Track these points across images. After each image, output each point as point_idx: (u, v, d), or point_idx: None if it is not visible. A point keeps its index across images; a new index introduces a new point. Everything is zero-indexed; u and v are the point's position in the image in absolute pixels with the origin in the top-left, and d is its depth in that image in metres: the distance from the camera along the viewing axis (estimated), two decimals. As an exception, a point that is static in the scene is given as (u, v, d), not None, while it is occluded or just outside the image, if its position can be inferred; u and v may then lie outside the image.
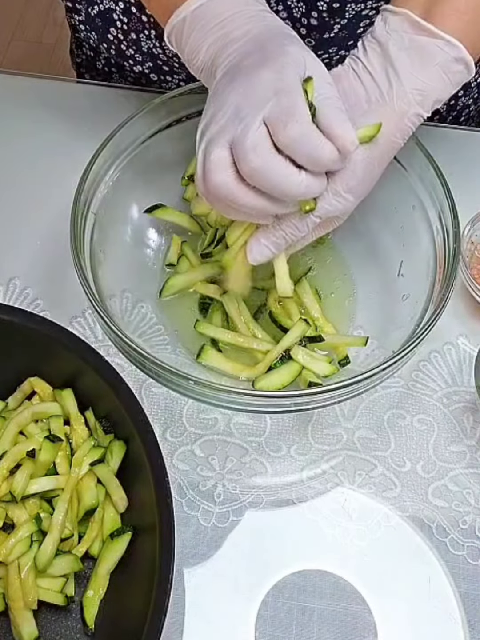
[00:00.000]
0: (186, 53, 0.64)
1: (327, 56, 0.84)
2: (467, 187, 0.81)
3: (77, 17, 0.93)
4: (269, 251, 0.64)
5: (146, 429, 0.63)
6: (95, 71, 1.02)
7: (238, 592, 0.66)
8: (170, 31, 0.65)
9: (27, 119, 0.91)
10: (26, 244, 0.83)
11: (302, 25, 0.79)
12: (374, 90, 0.63)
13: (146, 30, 0.86)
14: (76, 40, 1.01)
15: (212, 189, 0.59)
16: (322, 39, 0.81)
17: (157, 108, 0.75)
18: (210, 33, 0.62)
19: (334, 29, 0.80)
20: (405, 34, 0.63)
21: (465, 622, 0.66)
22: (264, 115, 0.57)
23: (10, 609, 0.62)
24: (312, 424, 0.73)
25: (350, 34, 0.81)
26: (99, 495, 0.66)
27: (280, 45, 0.59)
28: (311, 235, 0.66)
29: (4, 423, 0.67)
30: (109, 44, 0.91)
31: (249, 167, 0.56)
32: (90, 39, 0.94)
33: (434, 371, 0.76)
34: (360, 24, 0.80)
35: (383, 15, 0.65)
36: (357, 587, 0.67)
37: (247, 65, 0.59)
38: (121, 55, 0.92)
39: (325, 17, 0.78)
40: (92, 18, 0.90)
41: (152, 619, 0.56)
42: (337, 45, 0.82)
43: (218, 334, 0.72)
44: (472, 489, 0.71)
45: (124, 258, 0.75)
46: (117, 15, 0.87)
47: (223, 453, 0.72)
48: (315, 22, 0.79)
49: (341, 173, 0.61)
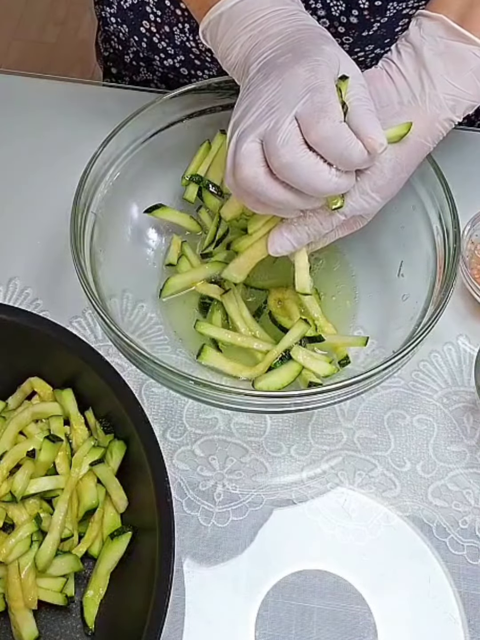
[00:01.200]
0: (220, 49, 0.64)
1: (363, 54, 0.84)
2: (467, 187, 0.81)
3: (109, 10, 0.92)
4: (290, 245, 0.64)
5: (146, 429, 0.63)
6: (122, 65, 1.01)
7: (238, 592, 0.67)
8: (205, 27, 0.65)
9: (27, 119, 0.91)
10: (26, 244, 0.83)
11: (341, 23, 0.80)
12: (406, 92, 0.63)
13: (180, 23, 0.86)
14: (104, 34, 1.00)
15: (241, 182, 0.59)
16: (361, 37, 0.81)
17: (157, 108, 0.75)
18: (245, 30, 0.62)
19: (374, 27, 0.80)
20: (440, 39, 0.63)
21: (465, 622, 0.66)
22: (297, 112, 0.57)
23: (10, 609, 0.62)
24: (312, 424, 0.73)
25: (388, 32, 0.81)
26: (99, 495, 0.66)
27: (315, 44, 0.60)
28: (335, 233, 0.66)
29: (4, 423, 0.67)
30: (140, 37, 0.91)
31: (279, 162, 0.57)
32: (121, 32, 0.94)
33: (434, 371, 0.76)
34: (399, 23, 0.80)
35: (418, 19, 0.65)
36: (357, 587, 0.67)
37: (282, 62, 0.59)
38: (153, 48, 0.91)
39: (366, 15, 0.78)
40: (124, 11, 0.90)
41: (152, 619, 0.56)
42: (374, 43, 0.82)
43: (218, 334, 0.72)
44: (472, 489, 0.71)
45: (124, 258, 0.75)
46: (150, 8, 0.87)
47: (223, 453, 0.72)
48: (355, 20, 0.79)
49: (370, 172, 0.61)
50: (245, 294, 0.76)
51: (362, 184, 0.62)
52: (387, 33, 0.81)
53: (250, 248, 0.68)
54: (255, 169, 0.58)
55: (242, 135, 0.59)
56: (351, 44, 0.82)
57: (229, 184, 0.61)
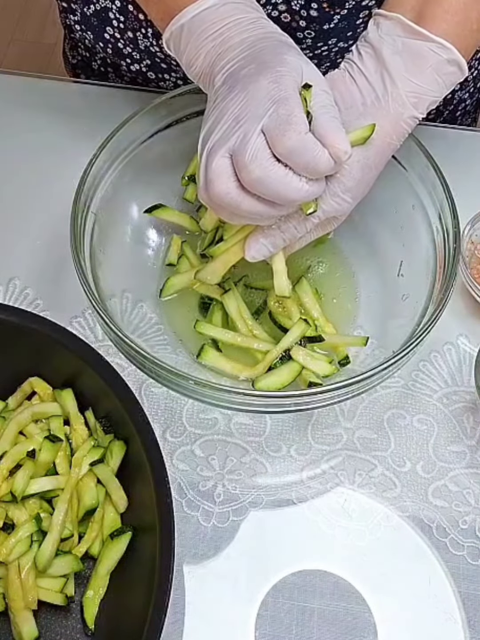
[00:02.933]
0: (184, 59, 0.65)
1: (326, 48, 0.84)
2: (467, 187, 0.81)
3: (73, 18, 0.93)
4: (266, 250, 0.65)
5: (146, 429, 0.63)
6: (90, 72, 1.02)
7: (238, 592, 0.67)
8: (168, 37, 0.65)
9: (27, 119, 0.91)
10: (26, 244, 0.83)
11: (302, 17, 0.80)
12: (369, 93, 0.64)
13: (143, 28, 0.86)
14: (71, 41, 1.01)
15: (214, 198, 0.60)
16: (322, 30, 0.81)
17: (157, 108, 0.75)
18: (207, 40, 0.62)
19: (334, 20, 0.80)
20: (398, 38, 0.64)
21: (465, 622, 0.66)
22: (263, 125, 0.57)
23: (10, 609, 0.62)
24: (312, 424, 0.73)
25: (349, 25, 0.82)
26: (99, 495, 0.66)
27: (277, 53, 0.60)
28: (310, 235, 0.67)
29: (4, 423, 0.67)
30: (105, 43, 0.91)
31: (250, 177, 0.58)
32: (86, 39, 0.94)
33: (434, 371, 0.76)
34: (360, 15, 0.81)
35: (375, 19, 0.66)
36: (357, 587, 0.67)
37: (246, 74, 0.60)
38: (118, 54, 0.92)
39: (325, 8, 0.79)
40: (87, 17, 0.90)
41: (152, 619, 0.56)
42: (336, 37, 0.83)
43: (218, 334, 0.72)
44: (472, 489, 0.71)
45: (124, 258, 0.75)
46: (113, 14, 0.87)
47: (223, 453, 0.72)
48: (315, 14, 0.79)
49: (339, 175, 0.62)
50: (245, 293, 0.76)
51: (332, 187, 0.62)
52: (348, 26, 0.82)
53: (225, 253, 0.69)
54: (226, 184, 0.59)
55: (211, 151, 0.59)
56: (313, 38, 0.82)
57: (203, 199, 0.62)
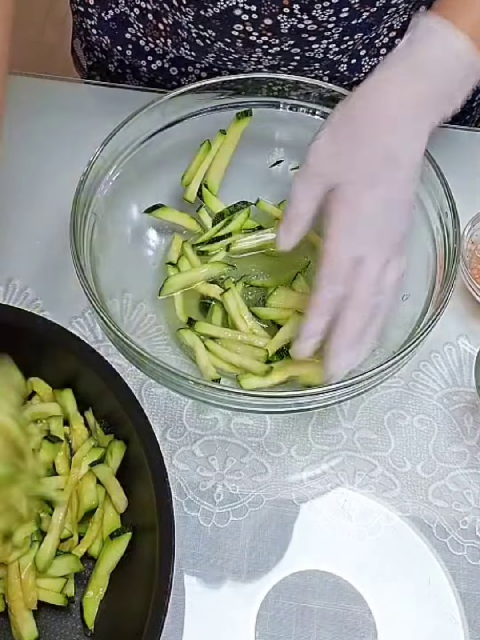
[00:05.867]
0: None
1: (352, 42, 0.84)
2: (467, 187, 0.81)
3: (89, 22, 0.92)
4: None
5: (146, 429, 0.63)
6: (106, 74, 1.01)
7: (238, 592, 0.66)
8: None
9: (27, 119, 0.91)
10: (26, 244, 0.83)
11: (332, 22, 0.80)
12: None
13: (162, 38, 0.86)
14: (86, 43, 1.00)
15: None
16: (350, 25, 0.81)
17: (157, 108, 0.75)
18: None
19: (362, 16, 0.80)
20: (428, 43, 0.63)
21: (465, 622, 0.66)
22: None
23: (10, 609, 0.62)
24: (312, 424, 0.73)
25: (376, 19, 0.82)
26: (99, 495, 0.66)
27: None
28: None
29: (4, 423, 0.67)
30: (124, 44, 0.91)
31: None
32: (103, 43, 0.94)
33: (434, 371, 0.76)
34: (388, 11, 0.81)
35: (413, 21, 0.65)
36: (357, 588, 0.67)
37: None
38: (139, 54, 0.91)
39: (356, 7, 0.79)
40: (106, 22, 0.90)
41: (152, 619, 0.56)
42: (362, 32, 0.83)
43: (218, 334, 0.72)
44: (472, 489, 0.71)
45: (124, 258, 0.75)
46: (132, 20, 0.87)
47: (223, 453, 0.72)
48: (344, 15, 0.79)
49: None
50: (245, 292, 0.76)
51: None
52: (374, 21, 0.82)
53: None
54: None
55: None
56: (341, 32, 0.82)
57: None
